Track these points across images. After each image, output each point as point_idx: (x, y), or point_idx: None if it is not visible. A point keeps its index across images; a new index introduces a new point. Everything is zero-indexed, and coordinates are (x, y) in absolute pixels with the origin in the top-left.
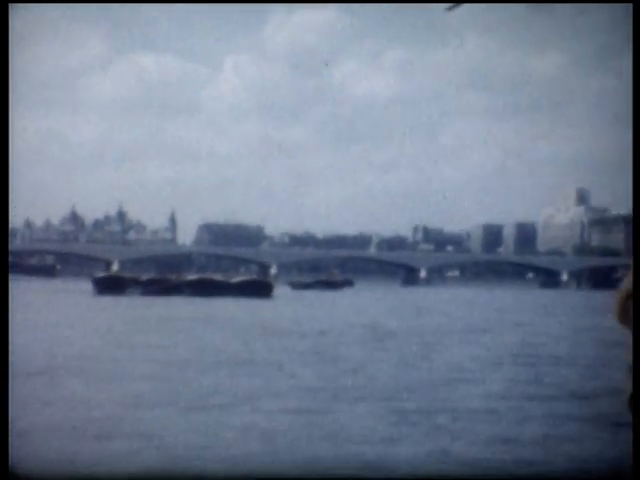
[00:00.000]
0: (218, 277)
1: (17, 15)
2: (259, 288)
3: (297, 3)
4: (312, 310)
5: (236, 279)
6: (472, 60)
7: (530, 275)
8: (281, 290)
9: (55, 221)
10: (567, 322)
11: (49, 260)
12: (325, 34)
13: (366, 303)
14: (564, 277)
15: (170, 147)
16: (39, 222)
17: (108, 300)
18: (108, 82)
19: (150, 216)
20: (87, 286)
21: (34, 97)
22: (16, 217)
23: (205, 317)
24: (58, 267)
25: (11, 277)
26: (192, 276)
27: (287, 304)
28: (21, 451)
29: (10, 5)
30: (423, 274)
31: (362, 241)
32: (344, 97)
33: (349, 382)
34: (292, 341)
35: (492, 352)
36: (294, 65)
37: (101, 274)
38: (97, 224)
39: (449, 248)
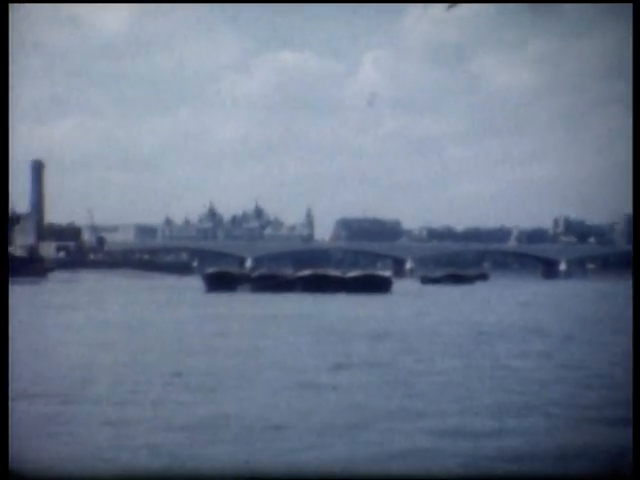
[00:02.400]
0: (332, 272)
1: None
2: (376, 283)
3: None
4: (424, 307)
5: (351, 274)
6: (613, 50)
7: None
8: (408, 285)
9: (194, 218)
10: None
11: (185, 257)
12: (463, 27)
13: (494, 298)
14: None
15: (308, 143)
16: (179, 220)
17: (217, 297)
18: (249, 80)
19: (288, 212)
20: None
21: (179, 96)
22: (157, 215)
23: (302, 315)
24: (194, 264)
25: (146, 274)
26: (305, 272)
27: (403, 300)
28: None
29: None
30: (563, 267)
31: (502, 234)
32: (483, 89)
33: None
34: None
35: None
36: (432, 59)
37: (211, 270)
38: (235, 221)
39: (591, 240)
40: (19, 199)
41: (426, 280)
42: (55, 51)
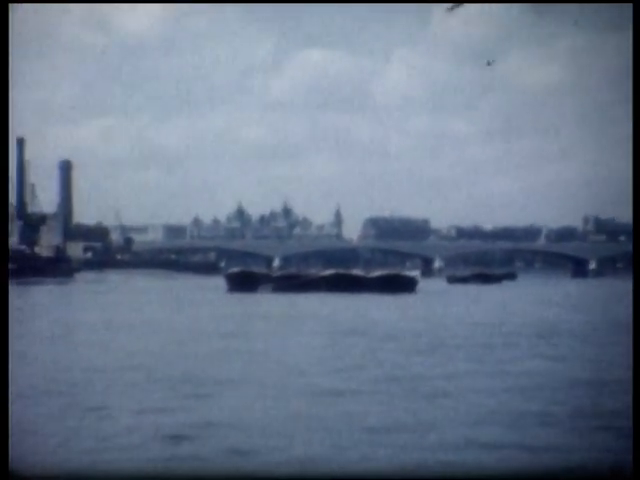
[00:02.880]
0: (356, 272)
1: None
2: (400, 283)
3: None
4: (447, 307)
5: (375, 274)
6: None
7: None
8: (435, 284)
9: (223, 218)
10: None
11: (212, 257)
12: (493, 24)
13: (520, 297)
14: None
15: (337, 142)
16: (207, 220)
17: (237, 297)
18: (279, 79)
19: (316, 212)
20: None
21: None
22: (186, 215)
23: (319, 315)
24: (222, 264)
25: (173, 274)
26: (327, 271)
27: (426, 300)
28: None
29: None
30: (593, 266)
31: (531, 233)
32: (512, 87)
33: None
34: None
35: None
36: (461, 56)
37: (233, 270)
38: (263, 220)
39: (622, 239)
40: (46, 199)
41: (453, 279)
42: (86, 52)
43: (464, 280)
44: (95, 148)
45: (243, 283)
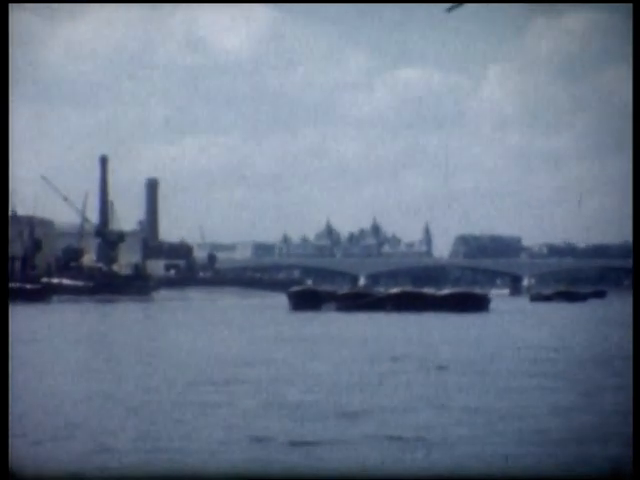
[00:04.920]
0: (425, 290)
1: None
2: (471, 301)
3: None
4: (516, 328)
5: (444, 292)
6: None
7: None
8: (516, 302)
9: (312, 236)
10: None
11: (296, 275)
12: (592, 37)
13: (602, 316)
14: None
15: (429, 160)
16: (297, 238)
17: (299, 317)
18: (372, 98)
19: (406, 229)
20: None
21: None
22: (276, 233)
23: (375, 337)
24: (309, 282)
25: (253, 292)
26: (394, 290)
27: (497, 320)
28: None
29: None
30: None
31: (625, 250)
32: (612, 103)
33: None
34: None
35: None
36: (559, 71)
37: (296, 288)
38: (352, 238)
39: None
40: (126, 217)
41: (536, 297)
42: (177, 72)
43: (547, 298)
44: (187, 166)
45: (306, 302)
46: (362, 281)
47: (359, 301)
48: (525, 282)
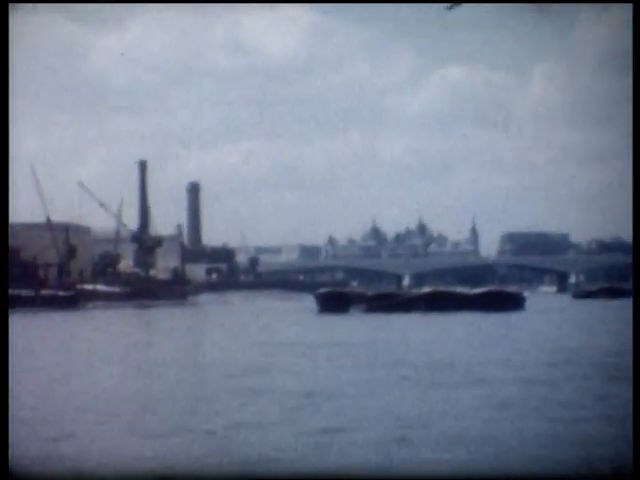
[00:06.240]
0: (456, 290)
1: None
2: (505, 300)
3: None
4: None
5: (477, 291)
6: None
7: None
8: (558, 300)
9: (357, 237)
10: None
11: (340, 276)
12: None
13: None
14: None
15: (476, 158)
16: (343, 239)
17: (325, 319)
18: (418, 97)
19: (453, 228)
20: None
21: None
22: (322, 235)
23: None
24: (354, 283)
25: (293, 295)
26: (425, 289)
27: (532, 319)
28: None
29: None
30: None
31: None
32: None
33: None
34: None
35: None
36: (605, 67)
37: (323, 290)
38: (398, 238)
39: None
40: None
41: (579, 294)
42: (223, 76)
43: (590, 295)
44: (232, 170)
45: (334, 304)
46: (406, 281)
47: (388, 302)
48: (572, 279)
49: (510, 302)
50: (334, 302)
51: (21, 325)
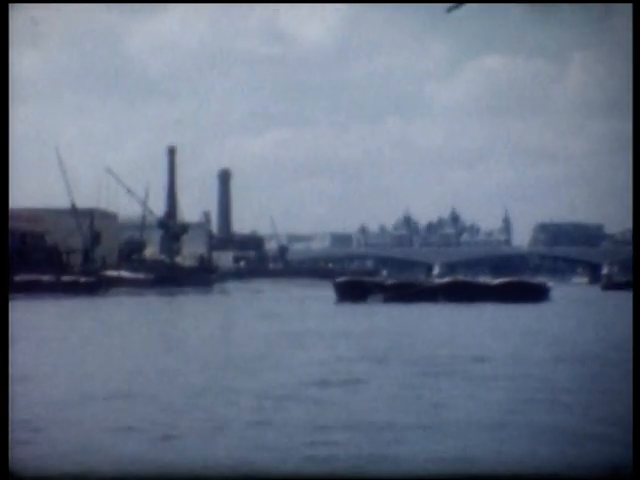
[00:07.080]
0: (478, 280)
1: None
2: (528, 291)
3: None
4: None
5: (498, 281)
6: None
7: None
8: (583, 291)
9: (389, 226)
10: None
11: (369, 265)
12: None
13: None
14: None
15: (509, 147)
16: (376, 228)
17: (341, 309)
18: (454, 85)
19: (486, 218)
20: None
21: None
22: (355, 223)
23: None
24: (384, 272)
25: (321, 283)
26: (444, 279)
27: (556, 311)
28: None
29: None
30: None
31: None
32: None
33: None
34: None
35: None
36: None
37: (342, 279)
38: (430, 227)
39: None
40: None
41: (608, 286)
42: (258, 64)
43: (619, 286)
44: (265, 158)
45: (352, 293)
46: (436, 270)
47: (407, 292)
48: (605, 270)
49: (533, 293)
50: (352, 291)
51: (39, 310)
